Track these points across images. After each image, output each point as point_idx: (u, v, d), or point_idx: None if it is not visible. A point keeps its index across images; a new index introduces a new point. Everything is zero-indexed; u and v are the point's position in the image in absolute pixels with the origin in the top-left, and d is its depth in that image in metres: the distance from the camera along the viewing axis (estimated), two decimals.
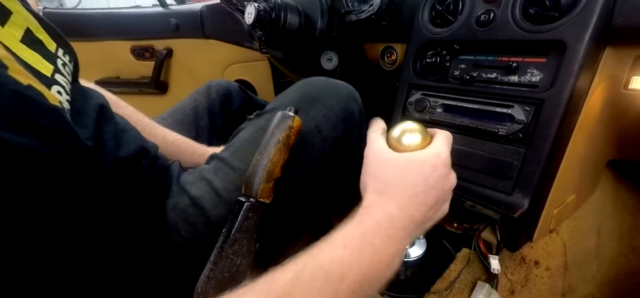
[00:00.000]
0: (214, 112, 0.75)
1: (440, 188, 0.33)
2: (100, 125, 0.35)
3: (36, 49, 0.30)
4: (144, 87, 1.27)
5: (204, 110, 0.74)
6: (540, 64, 0.48)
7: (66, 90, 0.32)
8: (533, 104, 0.48)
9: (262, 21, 0.64)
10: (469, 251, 0.55)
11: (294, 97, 0.51)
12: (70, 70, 0.35)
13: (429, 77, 0.61)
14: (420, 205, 0.32)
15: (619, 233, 0.78)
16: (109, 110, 0.39)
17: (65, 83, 0.32)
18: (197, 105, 0.75)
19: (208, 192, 0.42)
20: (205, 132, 0.71)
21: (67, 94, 0.32)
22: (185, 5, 1.20)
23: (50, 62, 0.31)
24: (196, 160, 0.56)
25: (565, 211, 0.62)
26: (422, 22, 0.62)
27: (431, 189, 0.33)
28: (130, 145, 0.38)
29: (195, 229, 0.40)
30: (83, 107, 0.35)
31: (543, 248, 0.62)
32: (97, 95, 0.39)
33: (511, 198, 0.50)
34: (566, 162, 0.51)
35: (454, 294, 0.48)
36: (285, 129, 0.37)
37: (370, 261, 0.29)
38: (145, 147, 0.40)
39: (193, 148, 0.58)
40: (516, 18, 0.49)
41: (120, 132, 0.38)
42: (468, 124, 0.54)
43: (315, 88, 0.53)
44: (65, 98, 0.31)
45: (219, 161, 0.45)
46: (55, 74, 0.31)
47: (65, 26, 1.17)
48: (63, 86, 0.31)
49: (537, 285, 0.57)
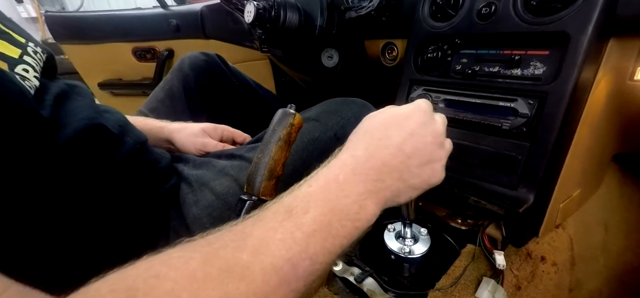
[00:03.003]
0: (188, 88, 0.74)
1: (419, 136, 0.32)
2: (61, 100, 0.36)
3: (4, 39, 0.33)
4: (146, 88, 1.28)
5: (179, 90, 0.73)
6: (543, 56, 0.48)
7: (35, 70, 0.34)
8: (536, 97, 0.47)
9: (262, 19, 0.64)
10: (473, 247, 0.55)
11: (315, 111, 0.58)
12: (43, 58, 0.37)
13: (431, 73, 0.61)
14: (394, 150, 0.31)
15: (626, 228, 0.77)
16: (77, 91, 0.39)
17: (35, 64, 0.34)
18: (171, 86, 0.74)
19: (233, 188, 0.45)
20: (185, 115, 0.70)
21: (36, 72, 0.34)
22: (186, 5, 1.20)
23: (18, 48, 0.34)
24: (165, 136, 0.60)
25: (571, 205, 0.62)
26: (423, 17, 0.61)
27: (408, 135, 0.32)
28: (81, 120, 0.36)
29: (222, 222, 0.42)
30: (50, 87, 0.36)
31: (549, 243, 0.62)
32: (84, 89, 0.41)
33: (516, 193, 0.49)
34: (571, 156, 0.50)
35: (459, 290, 0.47)
36: (286, 127, 0.36)
37: (336, 196, 0.28)
38: (105, 125, 0.39)
39: (149, 125, 0.59)
40: (518, 10, 0.48)
41: (80, 108, 0.38)
42: (471, 118, 0.53)
43: (333, 103, 0.60)
44: (33, 74, 0.33)
45: (242, 161, 0.48)
46: (23, 56, 0.34)
47: (68, 29, 1.19)
48: (32, 66, 0.33)
49: (543, 281, 0.57)
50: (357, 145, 0.31)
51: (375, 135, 0.32)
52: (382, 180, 0.30)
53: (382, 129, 0.32)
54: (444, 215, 0.63)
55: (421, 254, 0.51)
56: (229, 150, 0.54)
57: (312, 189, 0.28)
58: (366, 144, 0.31)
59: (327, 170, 0.30)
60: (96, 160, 0.36)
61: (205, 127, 0.61)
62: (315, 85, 1.01)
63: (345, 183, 0.28)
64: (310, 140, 0.52)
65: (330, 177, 0.29)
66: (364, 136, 0.32)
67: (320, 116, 0.56)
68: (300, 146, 0.51)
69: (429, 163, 0.33)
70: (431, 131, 0.33)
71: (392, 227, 0.56)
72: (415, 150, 0.31)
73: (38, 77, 0.34)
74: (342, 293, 0.48)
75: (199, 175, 0.47)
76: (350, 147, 0.32)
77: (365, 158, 0.30)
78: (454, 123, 0.56)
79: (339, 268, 0.50)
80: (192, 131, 0.59)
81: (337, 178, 0.29)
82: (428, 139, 0.33)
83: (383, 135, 0.32)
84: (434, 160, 0.33)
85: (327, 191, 0.28)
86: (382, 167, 0.30)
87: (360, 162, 0.30)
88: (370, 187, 0.29)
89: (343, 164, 0.30)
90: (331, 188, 0.28)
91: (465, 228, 0.60)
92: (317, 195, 0.28)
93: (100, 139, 0.37)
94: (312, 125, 0.54)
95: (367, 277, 0.49)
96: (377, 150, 0.31)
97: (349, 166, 0.30)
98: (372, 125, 0.33)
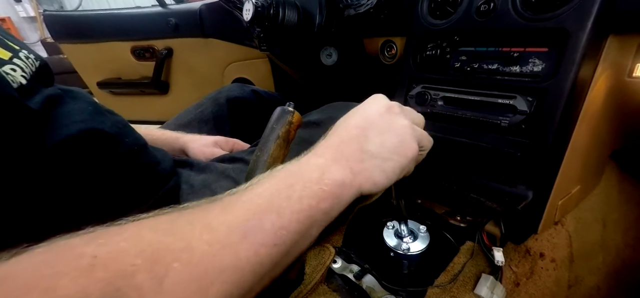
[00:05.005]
0: (221, 118, 0.75)
1: (372, 111, 0.34)
2: (54, 103, 0.36)
3: None
4: (145, 87, 1.28)
5: (209, 115, 0.75)
6: (542, 53, 0.48)
7: (24, 71, 0.34)
8: (535, 94, 0.47)
9: (260, 18, 0.64)
10: (472, 244, 0.55)
11: (317, 116, 0.59)
12: (34, 63, 0.37)
13: (430, 70, 0.61)
14: (350, 127, 0.33)
15: (625, 225, 0.77)
16: (72, 95, 0.39)
17: (25, 66, 0.35)
18: (203, 110, 0.76)
19: None
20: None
21: (25, 74, 0.34)
22: (184, 4, 1.19)
23: (9, 51, 0.35)
24: (180, 145, 0.62)
25: (570, 202, 0.62)
26: (421, 14, 0.61)
27: (361, 114, 0.34)
28: (74, 125, 0.36)
29: None
30: (44, 91, 0.36)
31: (548, 240, 0.62)
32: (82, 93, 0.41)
33: (515, 190, 0.49)
34: (570, 152, 0.50)
35: (457, 287, 0.47)
36: (285, 125, 0.36)
37: (297, 168, 0.30)
38: (101, 129, 0.39)
39: (165, 135, 0.61)
40: (517, 7, 0.48)
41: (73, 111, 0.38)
42: (470, 116, 0.53)
43: (335, 107, 0.63)
44: (20, 74, 0.34)
45: (243, 163, 0.49)
46: (14, 59, 0.34)
47: (66, 28, 1.19)
48: (21, 68, 0.34)
49: (542, 277, 0.57)
50: (319, 142, 0.34)
51: (336, 128, 0.34)
52: (342, 152, 0.31)
53: (342, 120, 0.35)
54: (443, 212, 0.64)
55: (420, 251, 0.51)
56: (231, 154, 0.54)
57: (275, 172, 0.30)
58: (325, 137, 0.34)
59: (288, 165, 0.31)
60: (93, 161, 0.36)
61: (217, 139, 0.64)
62: (315, 83, 1.01)
63: (304, 162, 0.31)
64: (311, 143, 0.53)
65: (290, 164, 0.31)
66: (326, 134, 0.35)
67: (322, 122, 0.58)
68: (301, 146, 0.51)
69: (389, 131, 0.33)
70: (383, 105, 0.35)
71: (392, 224, 0.56)
72: (370, 123, 0.33)
73: (26, 78, 0.34)
74: (341, 290, 0.48)
75: (201, 178, 0.48)
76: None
77: (323, 144, 0.33)
78: (452, 121, 0.56)
79: (338, 265, 0.51)
80: (205, 142, 0.63)
81: (298, 160, 0.31)
82: (382, 110, 0.34)
83: (342, 124, 0.34)
84: (395, 129, 0.34)
85: (286, 169, 0.30)
86: (340, 144, 0.32)
87: (319, 147, 0.32)
88: (330, 157, 0.31)
89: (303, 156, 0.32)
90: (291, 167, 0.30)
91: (464, 225, 0.60)
92: (277, 172, 0.29)
93: (96, 142, 0.37)
94: (314, 130, 0.54)
95: (366, 274, 0.49)
96: (333, 135, 0.33)
97: (309, 153, 0.32)
98: (336, 125, 0.35)
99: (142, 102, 1.36)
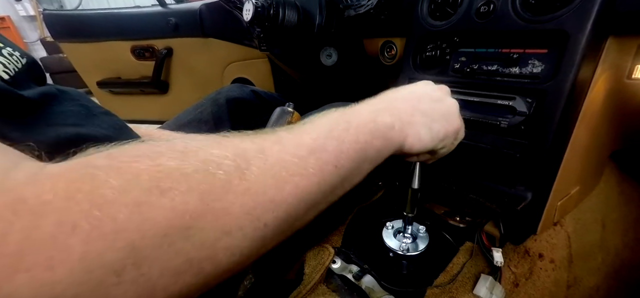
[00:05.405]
0: (221, 119, 0.75)
1: (426, 87, 0.37)
2: (49, 100, 0.35)
3: None
4: (144, 87, 1.28)
5: (209, 115, 0.74)
6: (541, 54, 0.48)
7: (7, 68, 0.34)
8: (535, 96, 0.48)
9: (261, 18, 0.64)
10: (471, 244, 0.55)
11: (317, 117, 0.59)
12: (20, 60, 0.37)
13: (430, 71, 0.61)
14: (404, 92, 0.36)
15: (624, 226, 0.77)
16: (67, 96, 0.39)
17: (7, 63, 0.34)
18: (203, 110, 0.75)
19: None
20: None
21: (8, 69, 0.34)
22: (184, 4, 1.20)
23: None
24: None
25: (569, 203, 0.62)
26: (421, 15, 0.61)
27: (414, 86, 0.37)
28: (67, 128, 0.36)
29: None
30: (36, 88, 0.35)
31: (547, 240, 0.62)
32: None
33: (514, 190, 0.49)
34: (569, 154, 0.50)
35: (457, 287, 0.47)
36: (285, 125, 0.36)
37: (349, 115, 0.31)
38: (93, 136, 0.38)
39: (165, 136, 0.59)
40: (517, 8, 0.48)
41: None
42: (469, 117, 0.53)
43: (335, 108, 0.61)
44: (2, 69, 0.33)
45: None
46: None
47: (66, 27, 1.19)
48: (3, 64, 0.33)
49: (541, 278, 0.57)
50: (368, 100, 0.35)
51: (387, 92, 0.36)
52: (394, 106, 0.34)
53: (393, 90, 0.37)
54: (443, 212, 0.64)
55: (419, 251, 0.51)
56: None
57: (330, 111, 0.32)
58: (375, 97, 0.36)
59: (340, 108, 0.33)
60: None
61: None
62: (314, 83, 1.01)
63: (356, 108, 0.32)
64: None
65: (343, 108, 0.32)
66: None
67: None
68: None
69: (441, 102, 0.36)
70: (435, 86, 0.38)
71: (391, 224, 0.56)
72: (424, 93, 0.36)
73: (9, 74, 0.33)
74: (340, 290, 0.48)
75: None
76: None
77: (375, 100, 0.35)
78: None
79: (337, 265, 0.51)
80: None
81: (351, 106, 0.33)
82: (435, 87, 0.38)
83: (392, 91, 0.37)
84: (446, 102, 0.37)
85: (341, 110, 0.32)
86: (393, 100, 0.34)
87: (369, 101, 0.34)
88: (382, 107, 0.33)
89: (354, 104, 0.34)
90: (345, 109, 0.32)
91: (464, 225, 0.60)
92: (332, 112, 0.31)
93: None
94: None
95: (366, 275, 0.49)
96: (385, 95, 0.36)
97: (360, 103, 0.34)
98: (385, 92, 0.37)
99: (141, 101, 1.36)
